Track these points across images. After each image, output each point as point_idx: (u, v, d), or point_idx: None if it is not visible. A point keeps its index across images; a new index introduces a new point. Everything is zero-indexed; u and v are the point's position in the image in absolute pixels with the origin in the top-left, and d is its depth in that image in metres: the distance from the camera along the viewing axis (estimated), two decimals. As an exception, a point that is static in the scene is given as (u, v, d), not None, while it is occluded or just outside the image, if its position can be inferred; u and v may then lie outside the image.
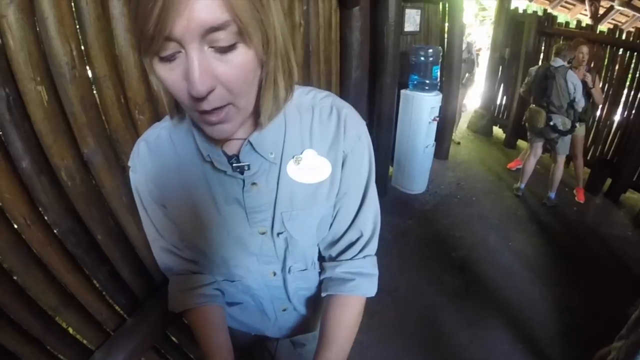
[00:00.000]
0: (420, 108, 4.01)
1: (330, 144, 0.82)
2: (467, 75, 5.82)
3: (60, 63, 0.99)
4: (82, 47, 1.04)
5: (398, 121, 4.20)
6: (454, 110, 5.28)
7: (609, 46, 4.97)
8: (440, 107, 4.20)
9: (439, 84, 4.12)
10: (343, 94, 3.32)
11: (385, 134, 4.02)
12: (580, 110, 3.88)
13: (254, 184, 0.80)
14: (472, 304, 3.00)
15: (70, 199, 1.11)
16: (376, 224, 0.95)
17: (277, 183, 0.81)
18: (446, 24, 5.10)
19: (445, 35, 5.10)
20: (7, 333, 1.00)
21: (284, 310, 1.07)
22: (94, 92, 1.11)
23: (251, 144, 0.76)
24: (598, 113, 5.03)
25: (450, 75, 5.01)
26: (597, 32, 5.50)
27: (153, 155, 0.83)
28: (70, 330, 1.22)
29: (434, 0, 4.78)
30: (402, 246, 3.66)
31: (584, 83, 3.84)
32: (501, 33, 6.25)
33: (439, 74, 4.09)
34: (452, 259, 3.52)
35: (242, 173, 0.78)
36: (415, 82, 4.04)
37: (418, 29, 4.53)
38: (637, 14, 8.89)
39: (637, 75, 4.66)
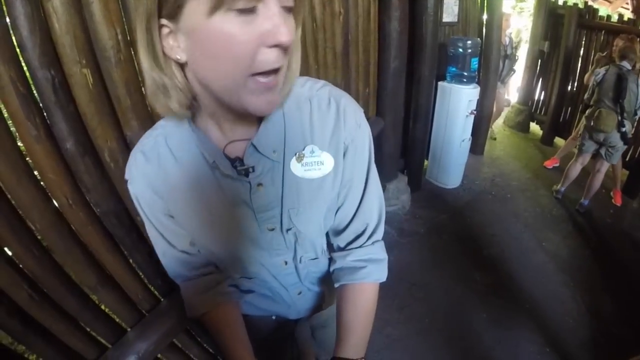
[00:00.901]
0: (458, 101, 3.92)
1: (330, 135, 0.82)
2: (511, 72, 5.64)
3: (105, 47, 1.00)
4: (127, 32, 1.05)
5: (435, 114, 4.12)
6: (491, 104, 5.13)
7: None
8: (478, 100, 4.09)
9: (477, 76, 4.01)
10: (381, 84, 3.29)
11: (421, 126, 3.96)
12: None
13: (259, 184, 0.81)
14: (502, 303, 2.94)
15: (112, 181, 1.13)
16: (381, 209, 0.96)
17: (282, 181, 0.82)
18: (485, 16, 4.94)
19: (484, 28, 4.94)
20: (45, 310, 1.03)
21: (299, 293, 1.09)
22: (139, 76, 1.12)
23: (254, 146, 0.77)
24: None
25: (488, 68, 4.87)
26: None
27: (152, 165, 0.80)
28: (106, 309, 1.25)
29: None
30: (435, 241, 3.61)
31: None
32: (540, 26, 6.00)
33: (477, 66, 3.98)
34: (484, 257, 3.45)
35: (247, 175, 0.79)
36: (453, 74, 3.94)
37: (456, 20, 4.42)
38: None
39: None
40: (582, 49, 5.54)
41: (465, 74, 3.88)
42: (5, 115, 0.89)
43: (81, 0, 0.95)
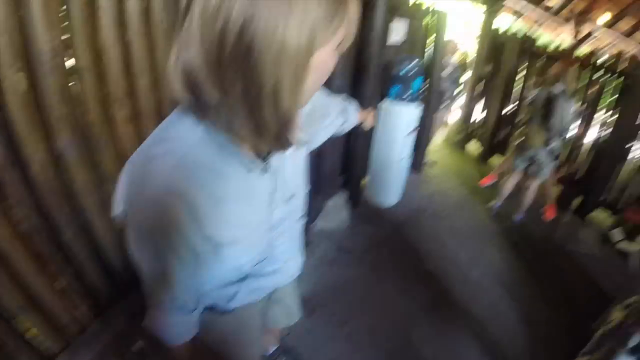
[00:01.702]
0: (399, 120, 4.03)
1: None
2: (454, 94, 5.92)
3: (41, 50, 0.93)
4: (66, 36, 0.99)
5: (376, 131, 4.20)
6: (432, 124, 5.34)
7: (587, 68, 5.16)
8: (420, 119, 4.23)
9: (419, 96, 4.15)
10: (323, 101, 3.29)
11: (362, 143, 4.03)
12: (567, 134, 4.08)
13: (273, 173, 0.89)
14: (441, 316, 3.03)
15: (40, 194, 1.05)
16: None
17: (284, 163, 0.93)
18: (430, 38, 5.14)
19: (429, 49, 5.15)
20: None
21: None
22: (73, 84, 1.05)
23: None
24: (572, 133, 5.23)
25: (431, 89, 5.06)
26: (577, 54, 5.70)
27: (189, 180, 0.70)
28: (32, 332, 1.14)
29: (419, 14, 4.82)
30: (375, 257, 3.66)
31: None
32: (483, 50, 6.45)
33: (420, 86, 4.12)
34: (424, 272, 3.55)
35: (266, 171, 0.86)
36: (396, 93, 4.05)
37: (402, 41, 4.55)
38: (617, 38, 9.35)
39: (612, 98, 4.92)
40: (522, 74, 6.00)
41: (408, 94, 3.99)
42: None
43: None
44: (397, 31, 4.33)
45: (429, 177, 5.55)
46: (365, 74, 3.71)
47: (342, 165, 4.04)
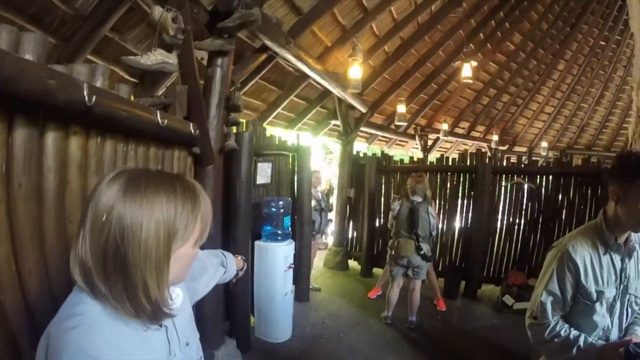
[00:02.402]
0: (275, 258, 4.13)
1: None
2: (328, 222, 6.35)
3: None
4: None
5: (255, 271, 4.22)
6: (308, 255, 5.51)
7: (439, 172, 6.32)
8: (295, 254, 4.38)
9: (290, 233, 4.33)
10: (195, 250, 3.27)
11: (241, 285, 3.98)
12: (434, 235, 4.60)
13: (167, 327, 1.01)
14: None
15: None
16: None
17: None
18: (296, 175, 5.51)
19: (296, 186, 5.49)
20: None
21: None
22: None
23: None
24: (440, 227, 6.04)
25: (302, 223, 5.31)
26: (428, 162, 6.93)
27: (99, 341, 0.83)
28: None
29: (284, 152, 5.23)
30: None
31: None
32: (346, 175, 7.22)
33: (290, 223, 4.33)
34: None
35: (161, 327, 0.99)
36: (268, 232, 4.20)
37: (269, 181, 4.83)
38: (459, 139, 11.21)
39: (465, 189, 6.04)
40: (383, 190, 6.82)
41: (280, 232, 4.17)
42: None
43: None
44: (263, 172, 4.60)
45: (317, 303, 5.56)
46: (235, 218, 3.81)
47: (225, 310, 3.91)
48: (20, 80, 1.26)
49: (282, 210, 4.20)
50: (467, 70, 6.49)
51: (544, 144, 12.59)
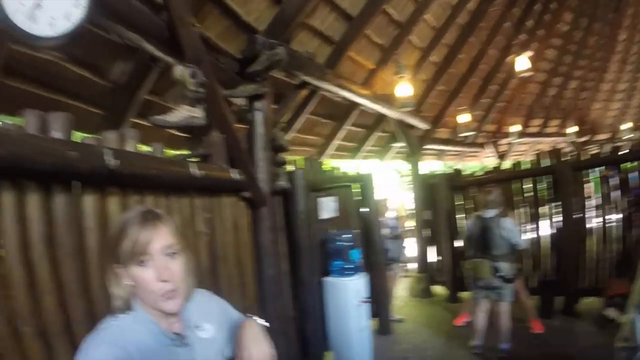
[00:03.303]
0: (346, 293, 3.99)
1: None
2: (402, 249, 6.05)
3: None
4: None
5: (327, 309, 4.12)
6: (385, 286, 5.28)
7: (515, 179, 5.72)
8: (369, 286, 4.21)
9: (360, 266, 4.19)
10: (261, 293, 3.28)
11: (313, 324, 3.93)
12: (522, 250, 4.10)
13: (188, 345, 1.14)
14: None
15: None
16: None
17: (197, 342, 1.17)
18: (362, 205, 5.32)
19: (364, 216, 5.28)
20: None
21: None
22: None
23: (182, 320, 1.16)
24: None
25: (374, 253, 5.11)
26: (502, 169, 6.37)
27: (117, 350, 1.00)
28: None
29: (347, 183, 5.10)
30: None
31: None
32: (419, 197, 6.91)
33: (359, 255, 4.19)
34: None
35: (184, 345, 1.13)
36: (337, 267, 4.09)
37: (335, 214, 4.72)
38: (534, 139, 10.36)
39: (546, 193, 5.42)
40: (459, 207, 6.38)
41: (348, 266, 4.04)
42: None
43: None
44: (327, 207, 4.54)
45: (400, 336, 5.26)
46: (299, 257, 3.77)
47: (301, 349, 3.83)
48: (42, 157, 1.42)
49: (348, 244, 4.08)
50: (522, 62, 6.09)
51: (628, 125, 11.22)
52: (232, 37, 3.59)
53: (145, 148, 2.33)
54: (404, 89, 5.25)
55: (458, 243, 6.32)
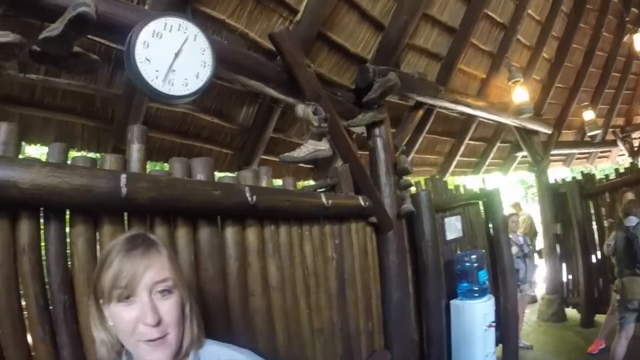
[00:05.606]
0: (472, 316, 3.83)
1: None
2: (534, 268, 5.55)
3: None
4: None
5: (452, 332, 3.98)
6: (515, 309, 4.85)
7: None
8: (496, 310, 4.02)
9: (488, 288, 4.00)
10: (385, 317, 3.30)
11: (436, 349, 3.81)
12: None
13: None
14: None
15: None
16: None
17: None
18: (490, 224, 4.98)
19: (491, 235, 4.95)
20: None
21: None
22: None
23: None
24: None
25: (504, 274, 4.74)
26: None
27: None
28: None
29: (471, 201, 4.86)
30: None
31: None
32: (547, 209, 6.35)
33: (487, 276, 4.01)
34: None
35: None
36: (464, 290, 3.95)
37: (461, 235, 4.52)
38: None
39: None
40: (594, 217, 5.74)
41: (476, 287, 3.87)
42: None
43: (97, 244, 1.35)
44: (452, 227, 4.41)
45: (529, 364, 4.88)
46: (425, 280, 3.72)
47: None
48: (190, 196, 1.65)
49: (475, 264, 3.91)
50: (640, 40, 5.36)
51: None
52: (343, 69, 3.76)
53: (275, 181, 2.54)
54: (520, 93, 4.98)
55: (593, 259, 5.75)
